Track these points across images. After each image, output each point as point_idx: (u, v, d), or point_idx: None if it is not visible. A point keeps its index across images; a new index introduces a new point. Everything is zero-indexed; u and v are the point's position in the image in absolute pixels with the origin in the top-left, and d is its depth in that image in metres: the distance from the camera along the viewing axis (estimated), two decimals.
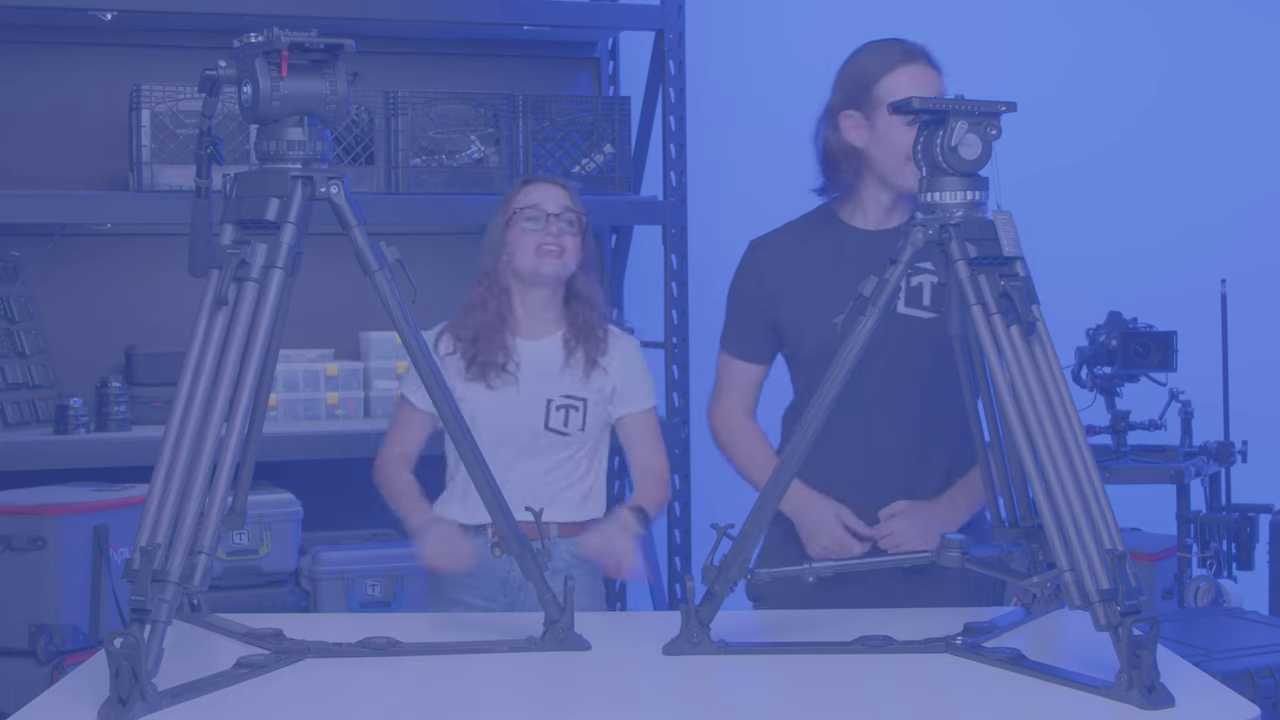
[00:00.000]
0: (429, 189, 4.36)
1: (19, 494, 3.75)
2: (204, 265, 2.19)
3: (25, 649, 3.55)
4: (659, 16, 4.52)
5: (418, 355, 2.29)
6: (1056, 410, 2.14)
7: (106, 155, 4.39)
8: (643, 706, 2.18)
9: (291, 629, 2.36)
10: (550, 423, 2.98)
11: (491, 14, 4.46)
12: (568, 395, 3.00)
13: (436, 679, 2.22)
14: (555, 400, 2.99)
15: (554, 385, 3.00)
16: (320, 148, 2.20)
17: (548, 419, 2.98)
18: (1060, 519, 2.10)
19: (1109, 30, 5.33)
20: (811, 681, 2.20)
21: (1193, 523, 4.06)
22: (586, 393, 3.01)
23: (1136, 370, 4.22)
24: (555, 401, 2.99)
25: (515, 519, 2.39)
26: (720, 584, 2.29)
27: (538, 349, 3.02)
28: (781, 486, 2.30)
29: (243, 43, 2.17)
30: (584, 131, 4.52)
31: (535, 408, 2.98)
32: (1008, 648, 2.25)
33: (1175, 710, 2.00)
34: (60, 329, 4.39)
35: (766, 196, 5.06)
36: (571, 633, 2.33)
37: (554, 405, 2.99)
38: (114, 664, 1.93)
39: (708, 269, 4.79)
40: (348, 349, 4.58)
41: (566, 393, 3.00)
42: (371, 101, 4.33)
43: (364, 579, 4.17)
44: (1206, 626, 3.51)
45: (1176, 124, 5.32)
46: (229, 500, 2.28)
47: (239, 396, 2.11)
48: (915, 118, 2.24)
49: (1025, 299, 2.17)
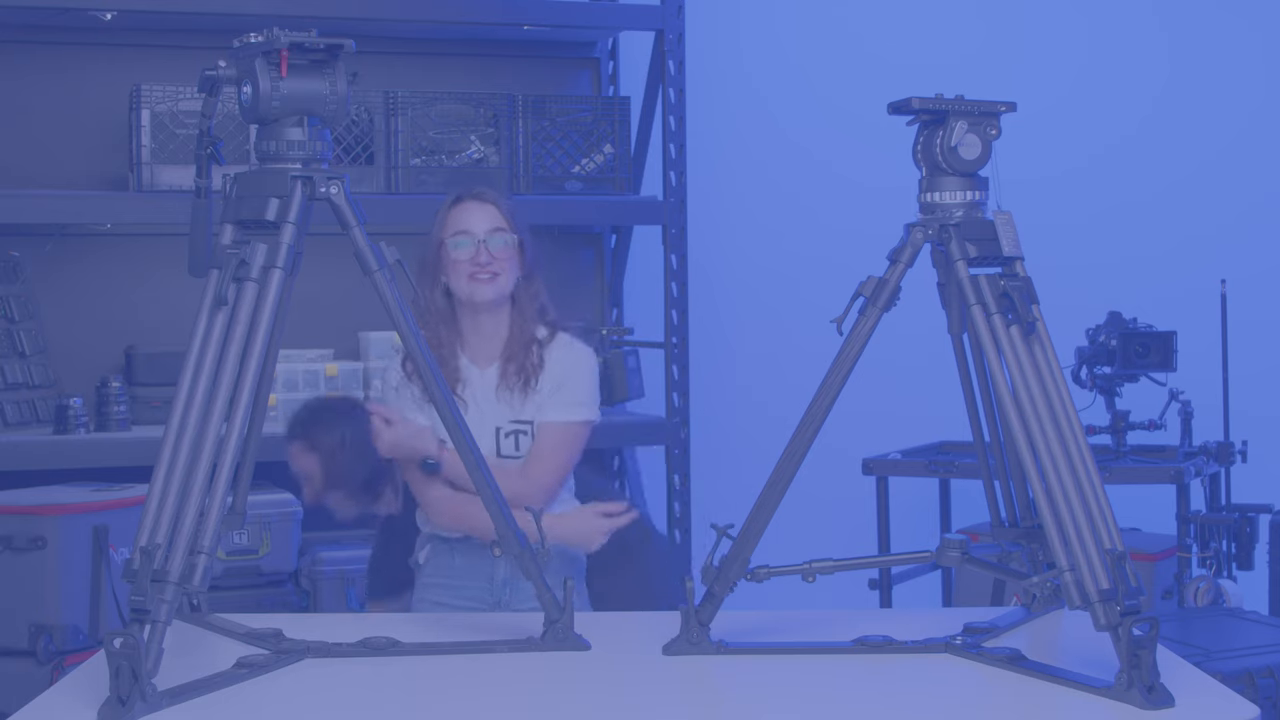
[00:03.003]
0: (429, 189, 4.36)
1: (19, 494, 3.75)
2: (204, 265, 2.19)
3: (25, 649, 3.56)
4: (659, 16, 4.52)
5: (417, 355, 2.29)
6: (1056, 410, 2.14)
7: (106, 155, 4.39)
8: (643, 706, 2.18)
9: (291, 629, 2.36)
10: (502, 450, 2.96)
11: (491, 14, 4.46)
12: (514, 421, 2.97)
13: (436, 679, 2.22)
14: (504, 428, 2.97)
15: (499, 412, 2.97)
16: (320, 148, 2.20)
17: (499, 447, 2.96)
18: (1060, 519, 2.10)
19: (1111, 33, 5.33)
20: (811, 681, 2.20)
21: (1193, 523, 4.05)
22: (530, 414, 2.97)
23: (1136, 370, 4.22)
24: (504, 429, 2.97)
25: (515, 520, 2.40)
26: (720, 584, 2.29)
27: (483, 377, 2.98)
28: (782, 485, 2.30)
29: (243, 43, 2.18)
30: (584, 131, 4.52)
31: (484, 437, 2.91)
32: (1008, 648, 2.25)
33: (1175, 710, 2.00)
34: (60, 329, 4.39)
35: (766, 196, 5.08)
36: (571, 633, 2.33)
37: (503, 433, 2.97)
38: (114, 664, 1.93)
39: (708, 269, 4.81)
40: (348, 349, 4.58)
41: (513, 418, 2.97)
42: (371, 101, 4.33)
43: (364, 579, 4.16)
44: (1206, 626, 3.51)
45: (1177, 126, 5.33)
46: (229, 500, 2.28)
47: (239, 396, 2.11)
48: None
49: (1025, 299, 2.17)
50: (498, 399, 2.96)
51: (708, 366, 4.79)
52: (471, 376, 2.97)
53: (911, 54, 4.85)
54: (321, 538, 4.30)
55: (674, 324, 4.55)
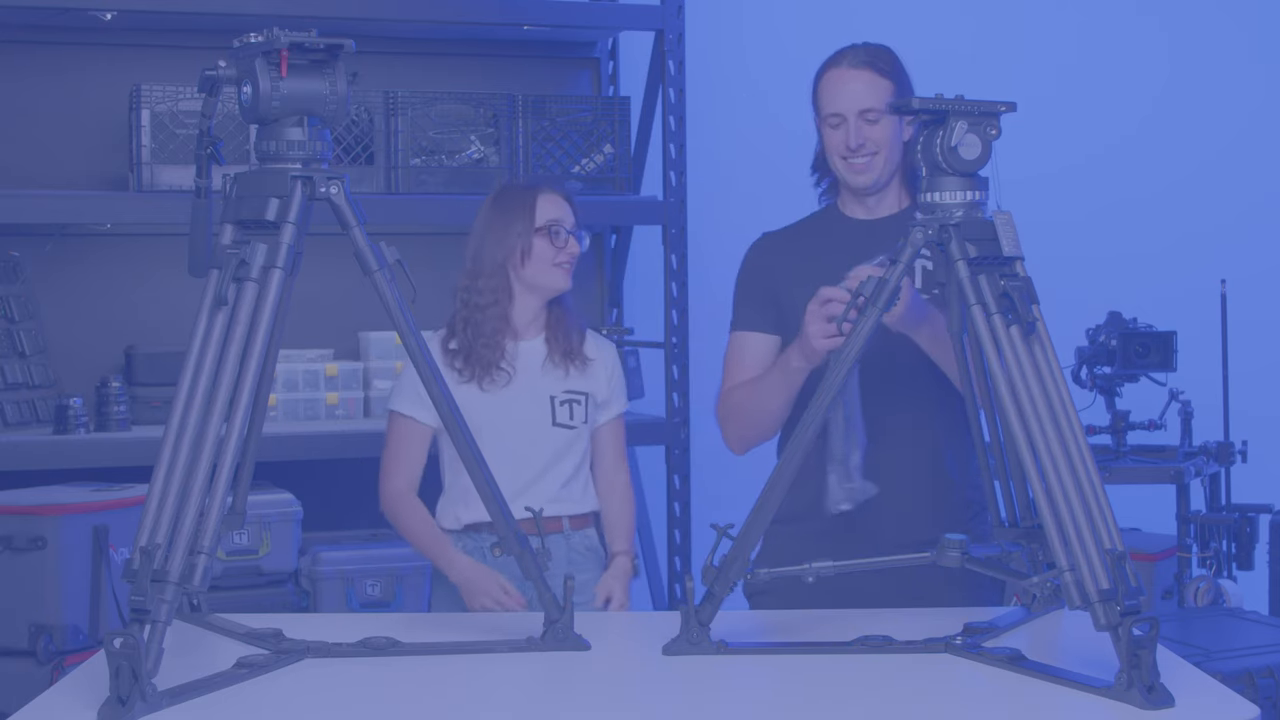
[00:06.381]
0: (429, 189, 4.36)
1: (19, 494, 3.75)
2: (204, 265, 2.19)
3: (25, 649, 3.56)
4: (659, 16, 4.52)
5: (417, 355, 2.29)
6: (1056, 410, 2.14)
7: (106, 155, 4.38)
8: (643, 706, 2.18)
9: (291, 629, 2.36)
10: (558, 418, 3.04)
11: (491, 14, 4.46)
12: (570, 390, 3.06)
13: (436, 679, 2.22)
14: (558, 396, 3.05)
15: (550, 381, 3.05)
16: (320, 148, 2.20)
17: (554, 415, 3.03)
18: (1060, 519, 2.10)
19: (1111, 31, 5.33)
20: (811, 681, 2.20)
21: (1193, 523, 4.05)
22: (586, 387, 3.07)
23: (1136, 370, 4.22)
24: (559, 397, 3.05)
25: (515, 518, 2.39)
26: (720, 584, 2.28)
27: (529, 348, 3.07)
28: (783, 485, 2.30)
29: (242, 43, 2.17)
30: (584, 131, 4.52)
31: (538, 405, 3.03)
32: (1008, 648, 2.25)
33: (1175, 710, 2.00)
34: (60, 329, 4.39)
35: (766, 196, 5.06)
36: (571, 633, 2.33)
37: (558, 401, 3.04)
38: (114, 664, 1.93)
39: (708, 269, 4.80)
40: (348, 349, 4.58)
41: (566, 388, 3.05)
42: (371, 101, 4.33)
43: (364, 579, 4.17)
44: (1206, 626, 3.51)
45: (1177, 125, 5.33)
46: (229, 500, 2.28)
47: (239, 396, 2.10)
48: (916, 117, 2.25)
49: (1025, 299, 2.17)
50: (543, 371, 3.05)
51: (708, 366, 4.77)
52: (519, 350, 3.05)
53: (911, 54, 4.84)
54: (321, 538, 4.31)
55: (674, 324, 4.56)
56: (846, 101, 2.77)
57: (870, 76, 2.78)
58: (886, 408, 2.73)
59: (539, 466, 3.02)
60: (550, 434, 3.04)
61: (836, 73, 2.81)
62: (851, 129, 2.77)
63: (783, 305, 2.84)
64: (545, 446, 3.03)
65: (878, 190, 2.83)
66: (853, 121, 2.76)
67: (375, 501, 3.07)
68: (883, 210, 2.86)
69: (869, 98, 2.76)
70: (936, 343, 2.61)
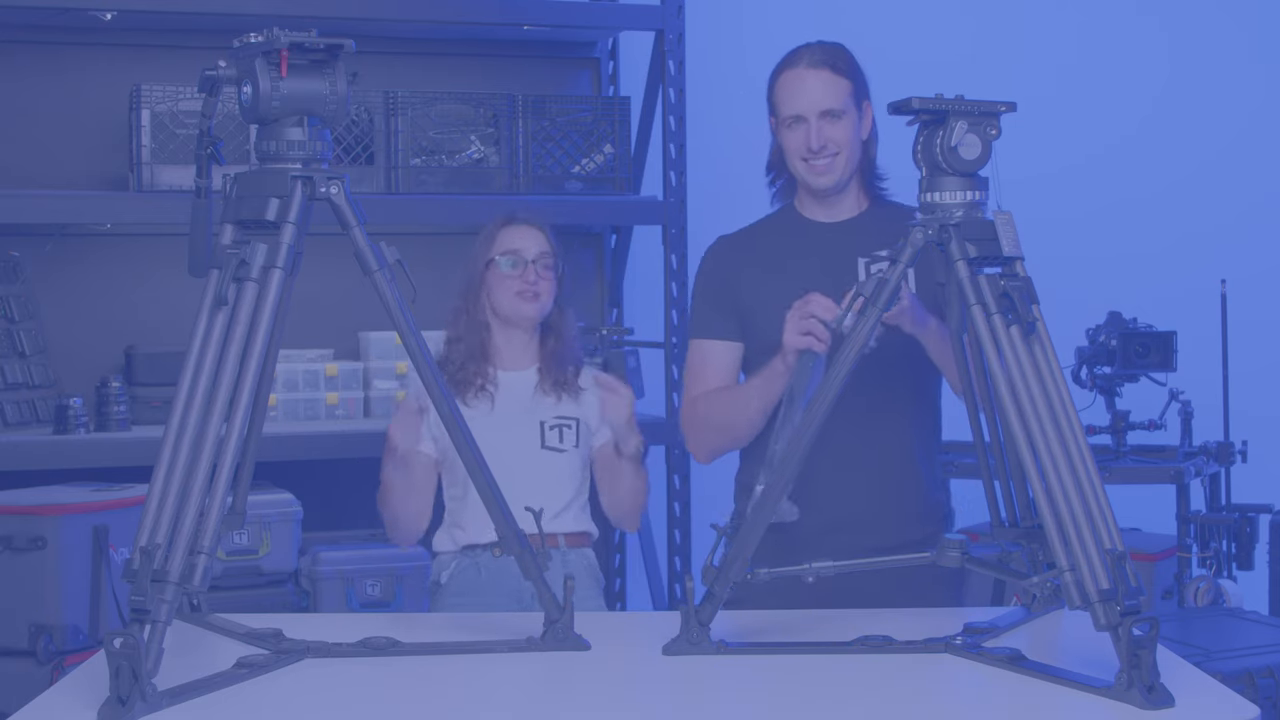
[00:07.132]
0: (429, 189, 4.36)
1: (19, 494, 3.75)
2: (204, 265, 2.19)
3: (25, 649, 3.55)
4: (659, 16, 4.52)
5: (417, 356, 2.29)
6: (1056, 410, 2.14)
7: (106, 155, 4.38)
8: (642, 706, 2.18)
9: (291, 629, 2.36)
10: (546, 441, 3.04)
11: (491, 14, 4.46)
12: (560, 416, 3.07)
13: (436, 679, 2.22)
14: (548, 421, 3.06)
15: (541, 407, 3.07)
16: (320, 148, 2.20)
17: (543, 438, 3.04)
18: (1060, 519, 2.10)
19: (1111, 31, 5.33)
20: (811, 681, 2.20)
21: (1193, 523, 4.05)
22: (577, 413, 3.08)
23: (1136, 370, 4.21)
24: (549, 422, 3.06)
25: (516, 521, 2.39)
26: (720, 584, 2.28)
27: (520, 379, 3.09)
28: (783, 485, 2.30)
29: (242, 43, 2.17)
30: (584, 131, 4.52)
31: (526, 429, 3.04)
32: (1008, 648, 2.25)
33: (1175, 710, 2.00)
34: (60, 329, 4.39)
35: (766, 196, 5.06)
36: (571, 633, 2.33)
37: (547, 426, 3.06)
38: (114, 664, 1.93)
39: None
40: (348, 349, 4.58)
41: (559, 414, 3.07)
42: (371, 101, 4.33)
43: (364, 579, 4.17)
44: (1206, 626, 3.50)
45: (1177, 125, 5.32)
46: (229, 500, 2.28)
47: (239, 396, 2.10)
48: (916, 117, 2.25)
49: (1025, 299, 2.17)
50: (533, 399, 3.07)
51: None
52: (505, 380, 3.07)
53: (911, 53, 4.85)
54: (321, 538, 4.31)
55: (674, 324, 4.55)
56: (806, 102, 2.77)
57: (829, 76, 2.77)
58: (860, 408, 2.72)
59: (527, 490, 2.97)
60: (539, 457, 3.04)
61: (794, 73, 2.80)
62: (813, 130, 2.76)
63: (745, 311, 2.83)
64: (534, 469, 3.01)
65: (839, 191, 2.82)
66: (814, 122, 2.76)
67: (375, 501, 3.07)
68: (843, 212, 2.85)
69: (829, 98, 2.76)
70: (940, 342, 2.60)
